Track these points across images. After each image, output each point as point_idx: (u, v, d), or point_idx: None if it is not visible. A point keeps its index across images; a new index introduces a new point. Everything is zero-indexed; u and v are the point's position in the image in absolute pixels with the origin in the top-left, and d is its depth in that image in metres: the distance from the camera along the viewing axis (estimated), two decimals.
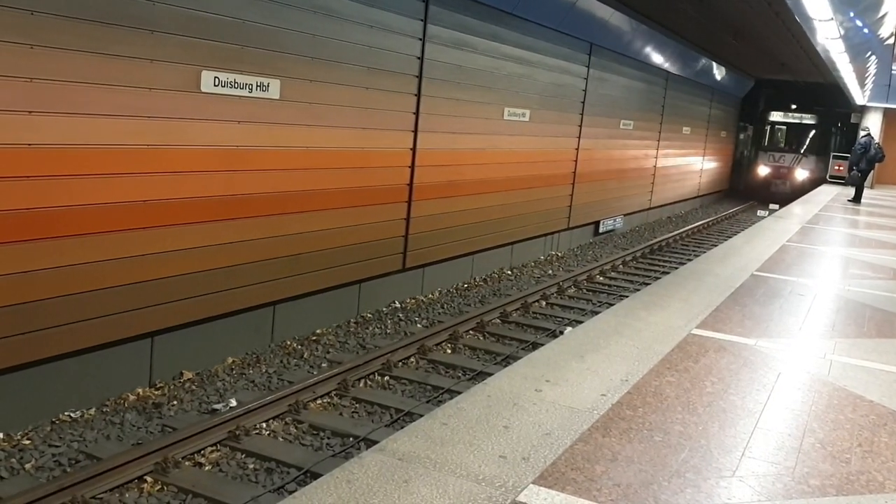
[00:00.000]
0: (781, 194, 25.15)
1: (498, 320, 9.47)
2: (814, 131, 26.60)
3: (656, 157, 19.07)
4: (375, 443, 3.63)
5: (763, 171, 26.49)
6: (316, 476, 4.87)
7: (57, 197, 5.48)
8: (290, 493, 4.85)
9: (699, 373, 4.84)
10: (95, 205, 5.75)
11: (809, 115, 26.63)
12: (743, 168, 29.23)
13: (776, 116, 27.26)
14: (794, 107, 26.89)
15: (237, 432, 5.73)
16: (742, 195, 27.75)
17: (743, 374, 4.92)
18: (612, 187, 16.28)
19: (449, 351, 8.29)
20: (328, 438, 5.94)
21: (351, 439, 5.91)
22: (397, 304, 9.73)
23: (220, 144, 6.67)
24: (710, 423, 4.05)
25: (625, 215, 17.39)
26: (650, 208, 19.57)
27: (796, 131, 27.07)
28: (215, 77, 6.45)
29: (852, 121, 26.77)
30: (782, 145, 27.27)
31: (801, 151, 26.35)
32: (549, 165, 13.14)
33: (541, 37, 11.98)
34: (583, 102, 13.95)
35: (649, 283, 9.75)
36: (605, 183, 15.79)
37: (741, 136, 30.10)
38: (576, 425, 3.81)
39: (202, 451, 5.53)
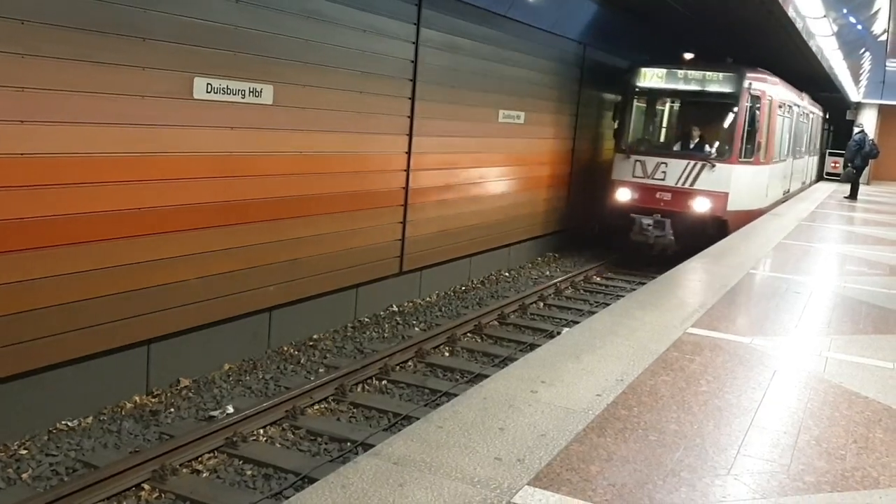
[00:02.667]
0: (662, 253, 12.76)
1: (496, 322, 9.47)
2: (738, 111, 12.81)
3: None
4: (373, 447, 3.62)
5: (623, 196, 13.10)
6: (313, 482, 4.86)
7: (50, 206, 5.47)
8: (287, 498, 4.84)
9: (694, 372, 4.84)
10: (89, 213, 5.74)
11: (725, 77, 12.89)
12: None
13: (652, 79, 13.48)
14: (689, 57, 13.48)
15: (234, 439, 5.72)
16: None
17: (738, 372, 4.92)
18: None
19: (447, 354, 8.29)
20: (326, 444, 5.93)
21: (348, 444, 5.91)
22: (395, 308, 9.73)
23: (213, 151, 6.67)
24: (705, 421, 4.05)
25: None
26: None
27: (696, 111, 13.88)
28: (208, 83, 6.46)
29: (847, 118, 26.47)
30: (663, 141, 14.48)
31: (708, 152, 12.87)
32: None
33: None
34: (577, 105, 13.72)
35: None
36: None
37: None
38: (571, 426, 3.81)
39: (200, 458, 5.52)
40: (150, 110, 6.04)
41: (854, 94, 26.61)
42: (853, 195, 19.33)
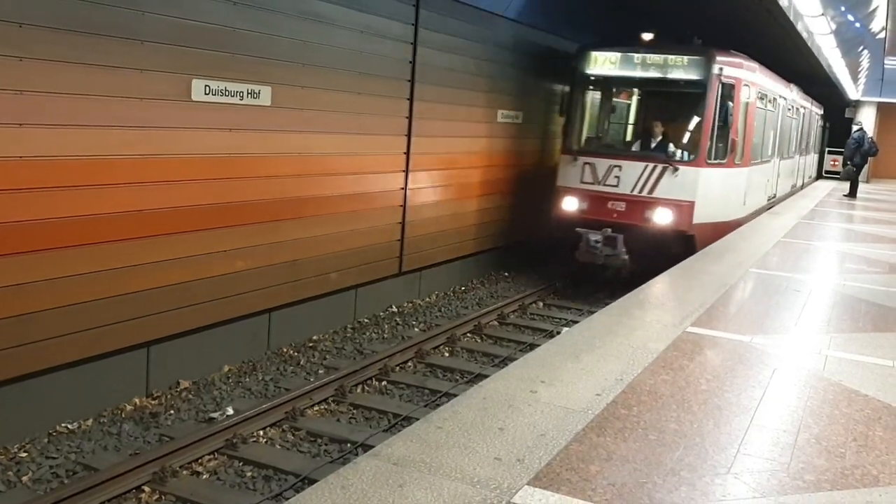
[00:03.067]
0: (616, 275, 10.78)
1: (496, 322, 9.47)
2: (706, 102, 10.51)
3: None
4: (373, 448, 3.62)
5: (569, 206, 10.98)
6: (314, 483, 4.86)
7: (49, 209, 5.48)
8: (287, 500, 4.84)
9: (694, 371, 4.84)
10: (88, 216, 5.74)
11: (691, 61, 10.66)
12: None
13: (603, 64, 11.22)
14: (648, 37, 10.94)
15: (234, 440, 5.72)
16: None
17: (738, 371, 4.92)
18: None
19: (447, 354, 8.29)
20: (326, 445, 5.93)
21: (349, 445, 5.91)
22: (394, 309, 9.73)
23: (212, 152, 6.67)
24: (704, 420, 4.05)
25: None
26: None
27: (656, 102, 12.32)
28: (206, 85, 6.46)
29: (846, 115, 26.40)
30: (617, 139, 12.67)
31: (671, 153, 10.75)
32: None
33: None
34: None
35: None
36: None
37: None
38: (570, 425, 3.81)
39: (200, 460, 5.53)
40: (149, 112, 6.04)
41: (853, 91, 26.61)
42: (852, 193, 19.32)
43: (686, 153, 10.69)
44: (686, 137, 10.86)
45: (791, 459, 3.65)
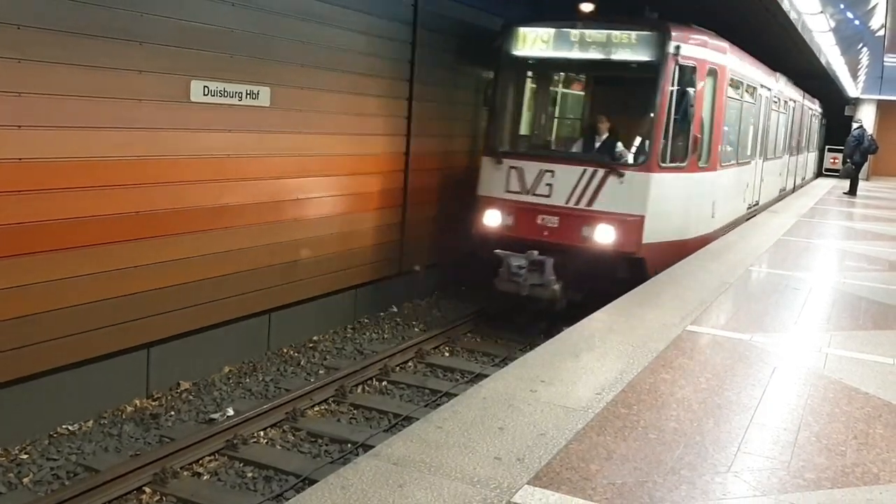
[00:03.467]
0: (548, 309, 8.82)
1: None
2: (659, 89, 8.36)
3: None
4: (373, 448, 3.62)
5: (491, 220, 8.95)
6: (314, 483, 4.86)
7: (49, 211, 5.48)
8: (287, 500, 4.85)
9: (694, 369, 4.84)
10: (87, 217, 5.74)
11: (640, 38, 8.53)
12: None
13: (533, 44, 9.07)
14: (588, 9, 9.66)
15: (235, 441, 5.72)
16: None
17: (738, 369, 4.92)
18: None
19: (447, 354, 8.29)
20: (326, 445, 5.94)
21: (349, 445, 5.91)
22: (394, 309, 9.72)
23: (211, 154, 6.67)
24: (704, 419, 4.05)
25: None
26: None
27: (598, 90, 10.79)
28: (205, 86, 6.46)
29: (846, 113, 26.38)
30: (550, 137, 10.78)
31: (618, 155, 8.94)
32: None
33: None
34: None
35: None
36: None
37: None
38: (570, 425, 3.81)
39: (200, 461, 5.53)
40: (148, 114, 6.05)
41: (852, 89, 26.61)
42: (852, 191, 19.33)
43: (634, 155, 8.74)
44: (633, 134, 8.90)
45: (791, 458, 3.65)
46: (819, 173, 27.40)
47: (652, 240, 8.38)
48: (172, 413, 6.29)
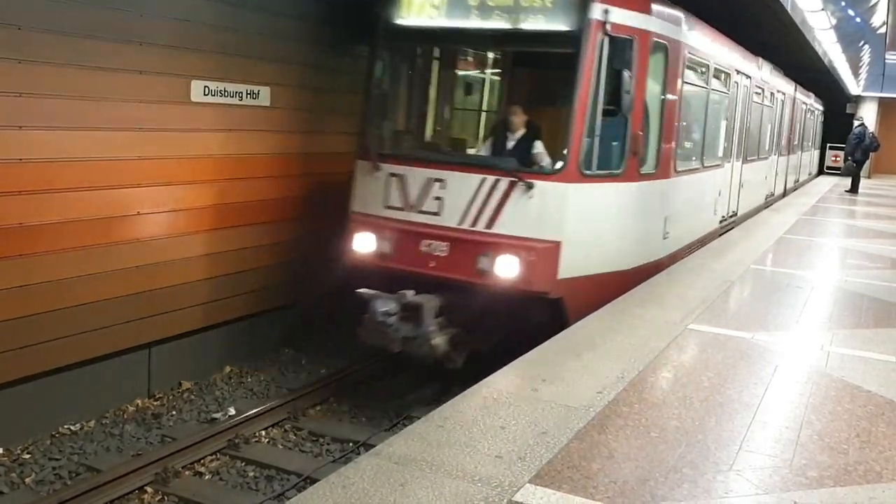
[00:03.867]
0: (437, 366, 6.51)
1: None
2: (579, 69, 6.10)
3: None
4: (374, 447, 3.62)
5: (363, 245, 6.59)
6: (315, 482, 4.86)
7: (50, 211, 5.48)
8: (289, 500, 4.85)
9: (695, 368, 4.83)
10: (89, 219, 5.74)
11: (554, 1, 6.26)
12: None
13: (420, 12, 6.77)
14: None
15: (236, 441, 5.72)
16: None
17: (740, 367, 4.91)
18: None
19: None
20: (328, 444, 5.93)
21: (350, 444, 5.90)
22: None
23: (213, 153, 6.66)
24: (706, 417, 4.04)
25: None
26: None
27: (502, 72, 8.61)
28: (205, 86, 6.45)
29: (847, 111, 26.31)
30: (441, 135, 8.09)
31: (534, 158, 6.68)
32: None
33: None
34: None
35: None
36: None
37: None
38: (572, 423, 3.80)
39: (202, 461, 5.53)
40: (149, 114, 6.04)
41: (854, 87, 26.58)
42: (854, 189, 19.30)
43: (548, 158, 6.59)
44: (546, 132, 6.83)
45: (794, 456, 3.64)
46: (820, 172, 27.32)
47: (572, 273, 6.24)
48: (174, 413, 6.27)
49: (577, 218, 6.33)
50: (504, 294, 6.09)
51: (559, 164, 6.24)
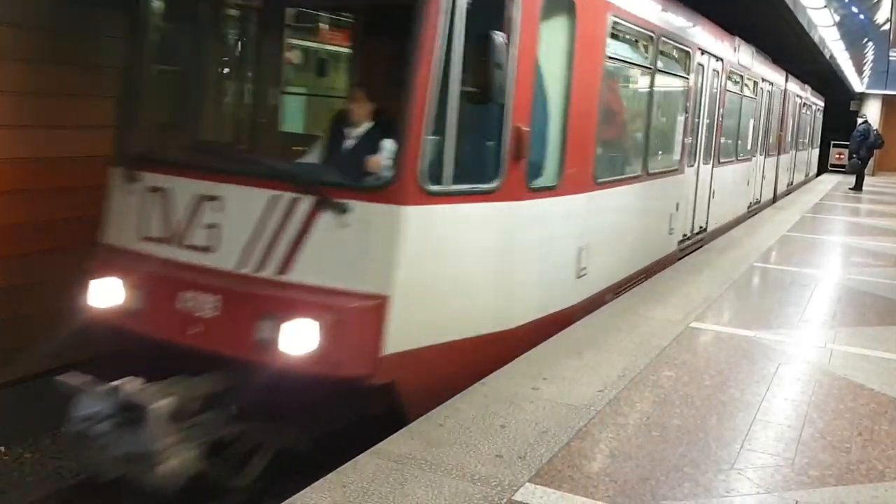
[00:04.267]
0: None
1: None
2: (420, 39, 3.86)
3: None
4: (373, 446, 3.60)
5: (105, 297, 4.35)
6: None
7: (56, 211, 5.45)
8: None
9: (697, 366, 4.81)
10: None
11: None
12: None
13: None
14: None
15: None
16: None
17: (742, 366, 4.89)
18: None
19: None
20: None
21: None
22: None
23: None
24: (708, 416, 4.02)
25: None
26: None
27: (359, 43, 6.00)
28: None
29: (851, 108, 26.16)
30: (221, 131, 5.76)
31: (360, 167, 4.35)
32: None
33: None
34: None
35: None
36: None
37: None
38: (573, 422, 3.79)
39: None
40: None
41: (858, 84, 26.51)
42: (858, 186, 19.25)
43: (371, 167, 4.42)
44: (376, 129, 4.76)
45: (795, 455, 3.62)
46: (821, 171, 27.15)
47: (409, 344, 4.13)
48: None
49: (418, 257, 4.12)
50: (296, 379, 3.90)
51: (387, 175, 4.16)
